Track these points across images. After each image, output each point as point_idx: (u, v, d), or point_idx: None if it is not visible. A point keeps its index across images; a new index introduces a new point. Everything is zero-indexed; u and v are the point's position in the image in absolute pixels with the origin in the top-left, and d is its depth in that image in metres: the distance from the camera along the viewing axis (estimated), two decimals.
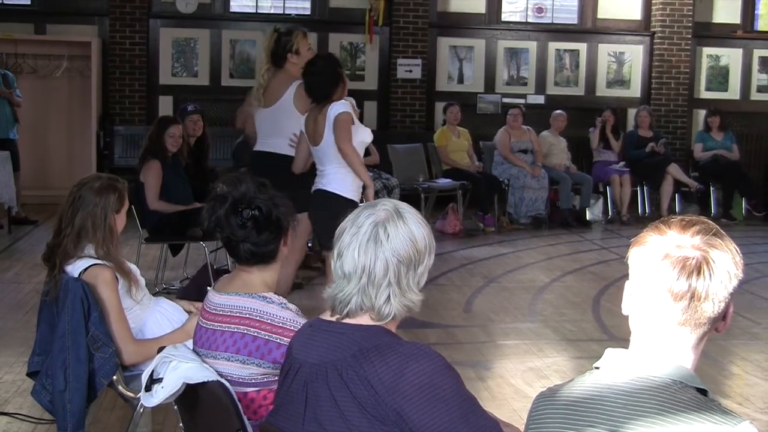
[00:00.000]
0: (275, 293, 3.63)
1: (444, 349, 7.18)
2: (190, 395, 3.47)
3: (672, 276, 2.29)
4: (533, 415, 2.46)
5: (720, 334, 2.42)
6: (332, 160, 7.25)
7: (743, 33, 17.38)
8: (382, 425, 2.66)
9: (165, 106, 15.07)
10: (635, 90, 16.90)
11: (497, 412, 3.18)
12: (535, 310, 9.14)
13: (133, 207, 8.16)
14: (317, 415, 2.76)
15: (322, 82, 7.34)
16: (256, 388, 3.55)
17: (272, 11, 15.99)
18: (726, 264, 2.30)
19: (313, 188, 7.39)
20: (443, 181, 13.74)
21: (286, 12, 15.89)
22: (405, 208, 2.88)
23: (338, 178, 7.27)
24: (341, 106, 7.20)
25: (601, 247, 12.52)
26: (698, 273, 2.28)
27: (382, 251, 2.77)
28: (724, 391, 7.10)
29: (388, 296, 2.79)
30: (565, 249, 12.39)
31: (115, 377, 4.56)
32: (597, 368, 2.41)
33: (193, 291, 5.28)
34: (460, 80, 16.41)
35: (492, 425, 2.81)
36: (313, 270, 10.21)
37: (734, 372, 7.70)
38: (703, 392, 2.31)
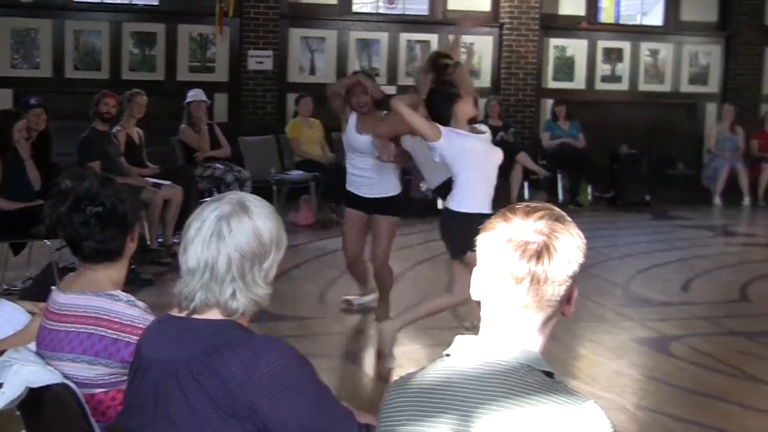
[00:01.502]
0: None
1: (298, 341, 7.16)
2: (34, 400, 3.36)
3: (513, 259, 2.33)
4: (386, 404, 2.47)
5: (568, 317, 2.46)
6: None
7: (588, 25, 17.73)
8: (235, 421, 2.64)
9: (4, 99, 14.59)
10: (485, 80, 17.07)
11: (353, 403, 3.18)
12: (397, 301, 9.18)
13: None
14: (168, 413, 2.71)
15: None
16: (104, 389, 3.47)
17: (118, 1, 15.65)
18: (567, 248, 2.34)
19: None
20: (296, 173, 13.69)
21: (133, 2, 15.62)
22: (252, 201, 2.85)
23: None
24: None
25: None
26: (539, 257, 2.31)
27: (224, 246, 2.74)
28: (572, 372, 7.26)
29: (234, 291, 2.76)
30: (418, 238, 12.46)
31: None
32: (448, 355, 2.42)
33: (36, 291, 5.13)
34: (312, 71, 16.34)
35: (346, 416, 2.82)
36: (163, 265, 10.08)
37: (582, 353, 7.88)
38: (549, 374, 2.35)
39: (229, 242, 2.74)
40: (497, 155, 7.11)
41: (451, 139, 6.85)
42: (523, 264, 2.32)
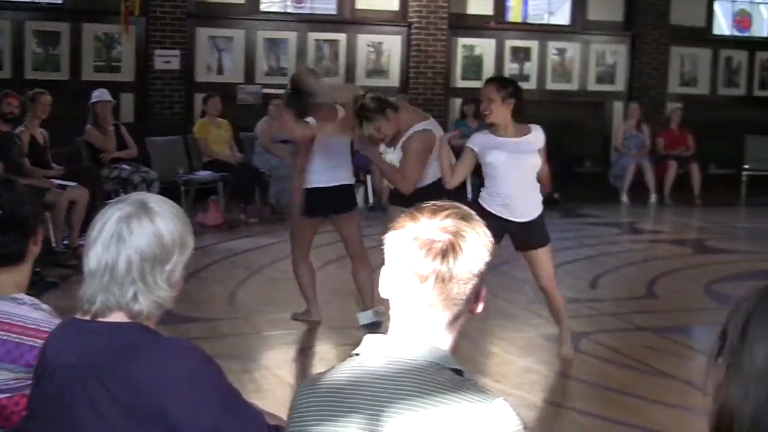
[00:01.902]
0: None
1: (208, 343, 7.11)
2: None
3: (418, 258, 2.33)
4: (296, 405, 2.46)
5: (477, 315, 2.46)
6: None
7: (496, 24, 17.87)
8: (143, 424, 2.59)
9: None
10: (394, 79, 17.13)
11: (263, 404, 3.16)
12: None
13: None
14: (74, 418, 2.66)
15: None
16: (8, 395, 3.39)
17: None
18: (473, 247, 2.34)
19: None
20: (204, 174, 13.62)
21: (36, 1, 15.38)
22: (155, 202, 2.80)
23: None
24: None
25: (363, 235, 12.58)
26: (443, 255, 2.32)
27: (124, 248, 2.70)
28: (482, 370, 7.30)
29: (135, 294, 2.72)
30: (327, 238, 12.37)
31: None
32: (357, 354, 2.41)
33: None
34: (220, 71, 16.25)
35: (255, 417, 2.79)
36: (68, 268, 9.93)
37: (492, 351, 7.93)
38: (459, 372, 2.35)
39: (129, 244, 2.70)
40: None
41: None
42: (428, 262, 2.32)
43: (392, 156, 7.75)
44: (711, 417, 1.93)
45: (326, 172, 7.95)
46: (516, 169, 7.13)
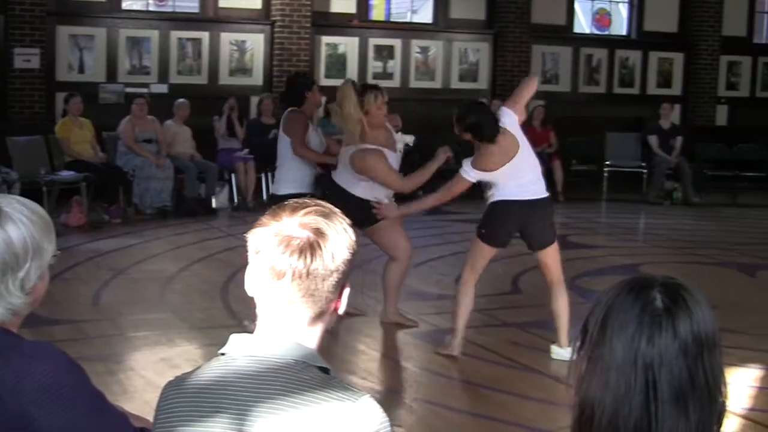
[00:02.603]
0: None
1: (72, 345, 7.02)
2: None
3: (277, 254, 2.32)
4: (161, 405, 2.43)
5: (340, 313, 2.46)
6: None
7: (359, 22, 17.93)
8: (9, 430, 2.54)
9: None
10: (257, 78, 17.07)
11: (128, 406, 3.13)
12: (164, 300, 9.08)
13: None
14: None
15: None
16: None
17: None
18: (333, 244, 2.34)
19: None
20: (66, 174, 13.40)
21: None
22: (10, 205, 2.72)
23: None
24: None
25: (227, 234, 12.57)
26: (300, 252, 2.31)
27: None
28: (349, 368, 7.33)
29: None
30: (192, 237, 12.38)
31: None
32: (223, 354, 2.40)
33: None
34: (81, 70, 15.98)
35: (120, 419, 2.76)
36: None
37: (359, 348, 7.96)
38: (325, 370, 2.35)
39: None
40: None
41: None
42: (285, 258, 2.31)
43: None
44: (574, 409, 1.97)
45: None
46: None
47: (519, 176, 7.45)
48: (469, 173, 7.49)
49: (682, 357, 1.89)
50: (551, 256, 7.58)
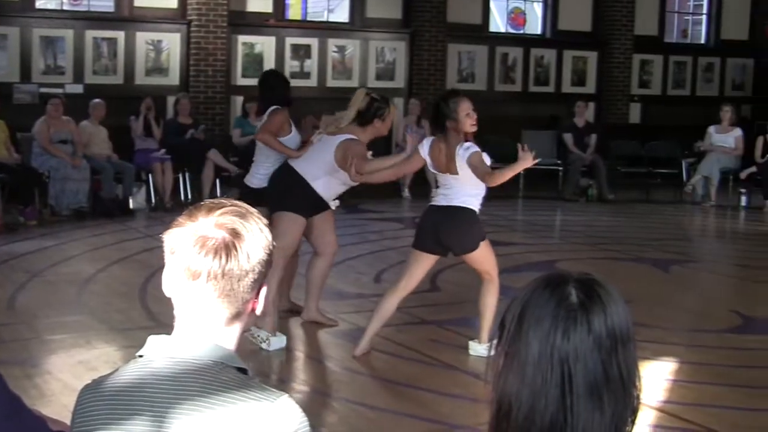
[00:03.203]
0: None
1: None
2: None
3: (191, 255, 2.32)
4: (78, 409, 2.42)
5: (257, 314, 2.46)
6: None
7: (275, 22, 17.89)
8: None
9: None
10: (174, 78, 16.95)
11: (46, 410, 3.11)
12: (82, 303, 9.00)
13: None
14: None
15: None
16: None
17: None
18: (248, 245, 2.34)
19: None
20: None
21: None
22: None
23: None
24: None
25: (145, 234, 12.48)
26: (215, 252, 2.31)
27: None
28: (268, 368, 7.32)
29: None
30: (109, 239, 12.27)
31: None
32: (141, 356, 2.39)
33: None
34: None
35: (38, 423, 2.74)
36: None
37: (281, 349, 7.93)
38: (243, 371, 2.35)
39: None
40: None
41: None
42: (200, 259, 2.31)
43: None
44: (492, 404, 1.99)
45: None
46: None
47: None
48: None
49: (597, 351, 1.92)
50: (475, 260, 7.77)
